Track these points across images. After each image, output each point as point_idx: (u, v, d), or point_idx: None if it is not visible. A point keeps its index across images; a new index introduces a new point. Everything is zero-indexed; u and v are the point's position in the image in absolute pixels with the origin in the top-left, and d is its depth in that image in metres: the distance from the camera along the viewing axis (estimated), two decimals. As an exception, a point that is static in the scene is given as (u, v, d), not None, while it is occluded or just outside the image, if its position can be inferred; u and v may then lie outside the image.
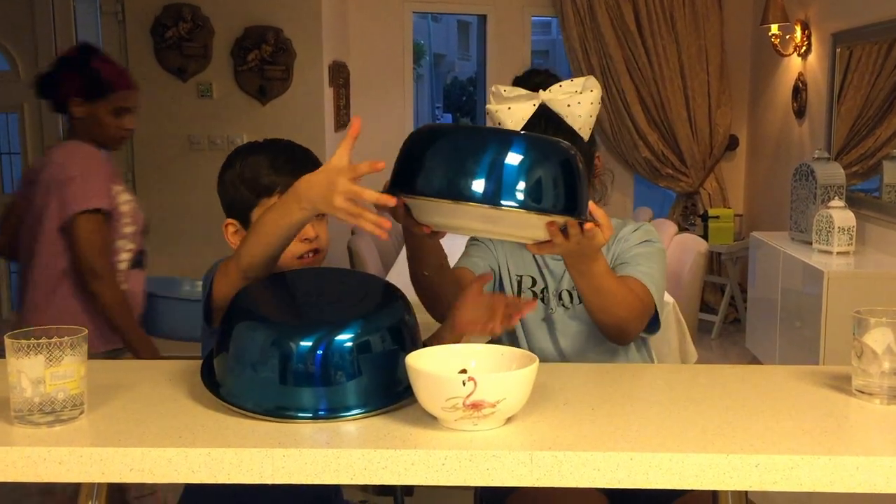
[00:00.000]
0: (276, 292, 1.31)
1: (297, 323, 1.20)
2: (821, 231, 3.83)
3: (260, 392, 1.16)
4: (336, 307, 1.26)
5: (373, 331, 1.18)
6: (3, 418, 1.14)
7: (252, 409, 1.16)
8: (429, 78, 18.31)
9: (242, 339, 1.19)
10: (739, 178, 5.85)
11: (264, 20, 4.45)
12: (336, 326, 1.17)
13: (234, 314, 1.23)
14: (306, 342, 1.15)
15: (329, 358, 1.15)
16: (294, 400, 1.15)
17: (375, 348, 1.18)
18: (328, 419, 1.14)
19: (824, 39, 4.56)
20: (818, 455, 1.03)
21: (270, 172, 1.51)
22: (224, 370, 1.21)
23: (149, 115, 4.52)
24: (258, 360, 1.17)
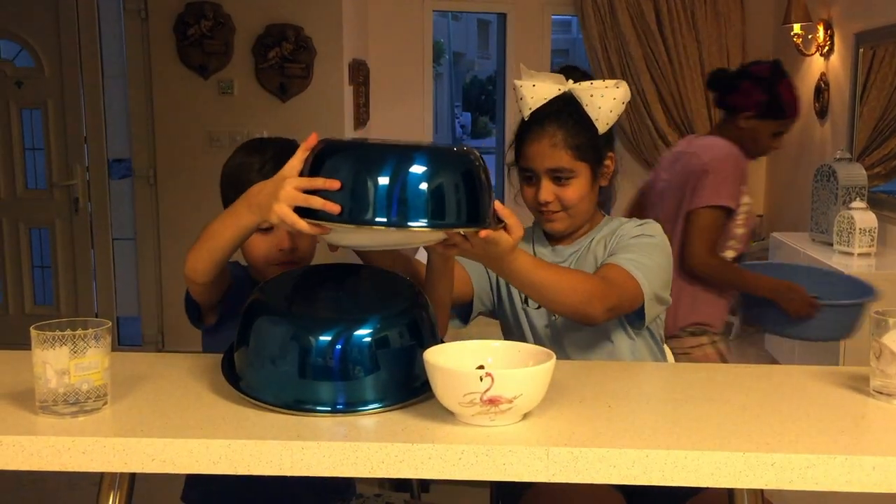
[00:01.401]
0: (296, 287, 1.32)
1: (317, 317, 1.21)
2: (842, 232, 3.81)
3: (279, 385, 1.17)
4: (356, 302, 1.27)
5: (391, 326, 1.19)
6: (29, 408, 1.16)
7: (272, 403, 1.17)
8: (448, 76, 18.31)
9: (262, 332, 1.21)
10: (760, 179, 5.81)
11: (285, 18, 4.48)
12: (355, 321, 1.18)
13: (255, 308, 1.25)
14: (325, 336, 1.16)
15: (347, 352, 1.16)
16: (312, 394, 1.16)
17: (393, 344, 1.19)
18: (346, 413, 1.16)
19: (847, 39, 4.53)
20: (835, 454, 1.03)
21: (258, 176, 1.47)
22: (244, 364, 1.23)
23: (170, 111, 4.57)
24: (278, 353, 1.18)
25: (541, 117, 1.65)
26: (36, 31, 4.58)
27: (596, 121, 1.63)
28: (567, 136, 1.62)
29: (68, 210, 4.74)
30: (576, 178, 1.64)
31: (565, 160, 1.63)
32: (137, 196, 4.72)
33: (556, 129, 1.63)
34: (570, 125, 1.63)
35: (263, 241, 1.52)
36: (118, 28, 4.84)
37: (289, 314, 1.22)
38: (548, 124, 1.64)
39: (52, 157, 4.71)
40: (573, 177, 1.64)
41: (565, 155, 1.63)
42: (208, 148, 4.54)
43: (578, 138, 1.63)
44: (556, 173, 1.64)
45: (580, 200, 1.65)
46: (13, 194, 4.75)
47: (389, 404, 1.17)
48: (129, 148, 4.78)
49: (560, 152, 1.62)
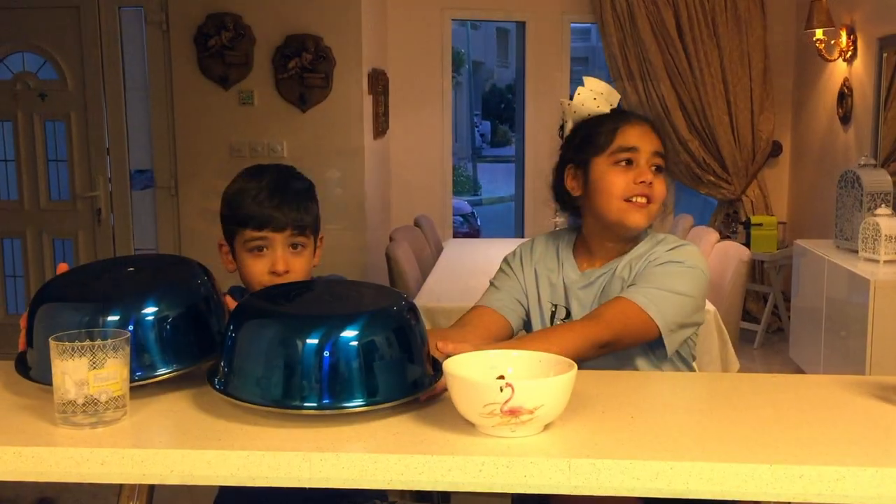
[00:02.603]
0: (284, 296, 1.33)
1: (303, 317, 1.22)
2: (867, 239, 3.76)
3: (265, 385, 1.16)
4: (343, 304, 1.28)
5: (377, 325, 1.19)
6: (48, 419, 1.16)
7: (260, 402, 1.16)
8: (467, 85, 18.34)
9: (250, 335, 1.21)
10: (783, 185, 5.75)
11: (305, 28, 4.50)
12: (341, 320, 1.18)
13: (242, 313, 1.24)
14: (312, 336, 1.16)
15: (334, 351, 1.15)
16: (300, 391, 1.15)
17: (380, 343, 1.18)
18: (332, 409, 1.14)
19: (870, 44, 4.48)
20: (864, 467, 1.00)
21: (253, 205, 1.55)
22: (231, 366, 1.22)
23: (191, 122, 4.60)
24: (265, 354, 1.17)
25: (634, 113, 1.72)
26: (59, 43, 4.63)
27: None
28: (658, 131, 1.69)
29: (91, 221, 4.78)
30: (664, 174, 1.67)
31: (663, 149, 1.68)
32: (159, 206, 4.75)
33: (649, 123, 1.70)
34: (656, 124, 1.71)
35: (256, 263, 1.57)
36: (140, 40, 4.88)
37: (276, 314, 1.23)
38: (640, 117, 1.70)
39: (76, 168, 4.75)
40: (664, 171, 1.67)
41: (662, 145, 1.68)
42: (229, 158, 4.56)
43: (665, 139, 1.71)
44: (657, 158, 1.66)
45: (664, 199, 1.67)
46: (37, 205, 4.80)
47: (376, 402, 1.16)
48: (151, 159, 4.82)
49: (659, 140, 1.68)
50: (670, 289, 1.56)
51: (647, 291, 1.55)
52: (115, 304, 1.23)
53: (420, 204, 5.47)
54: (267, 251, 1.57)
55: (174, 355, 1.26)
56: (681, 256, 1.62)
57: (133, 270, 1.39)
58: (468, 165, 17.10)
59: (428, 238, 4.73)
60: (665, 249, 1.64)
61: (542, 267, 1.75)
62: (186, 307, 1.29)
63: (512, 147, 13.91)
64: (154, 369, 1.24)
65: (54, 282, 1.35)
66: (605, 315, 1.54)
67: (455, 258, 4.33)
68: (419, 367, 1.21)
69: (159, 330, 1.25)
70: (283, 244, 1.57)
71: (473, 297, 3.27)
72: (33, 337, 1.28)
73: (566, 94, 5.71)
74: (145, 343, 1.24)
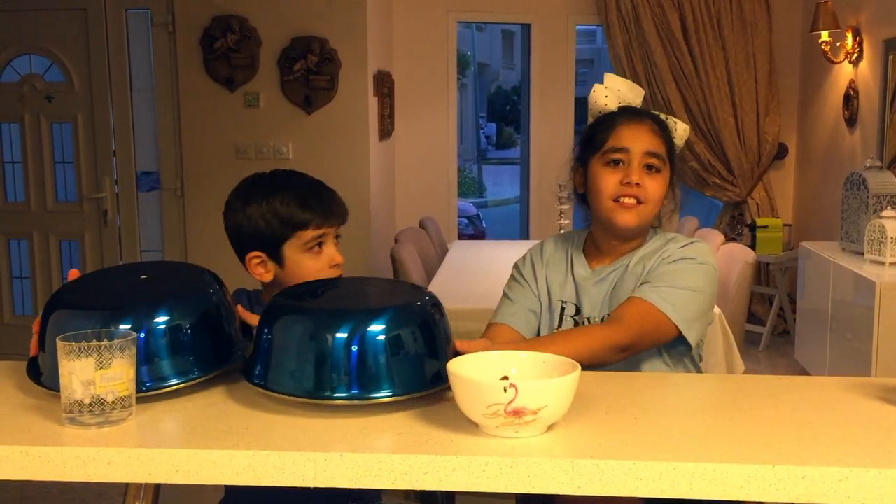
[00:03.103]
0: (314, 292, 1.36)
1: (333, 312, 1.25)
2: (873, 241, 3.75)
3: (299, 378, 1.20)
4: (370, 299, 1.34)
5: (403, 319, 1.23)
6: (55, 419, 1.17)
7: (292, 393, 1.20)
8: (473, 87, 18.35)
9: (284, 330, 1.24)
10: (789, 188, 5.75)
11: (310, 31, 4.51)
12: (369, 314, 1.22)
13: (275, 310, 1.28)
14: (342, 330, 1.19)
15: (361, 344, 1.19)
16: (330, 383, 1.19)
17: (405, 336, 1.22)
18: (360, 399, 1.18)
19: (876, 46, 4.47)
20: (867, 468, 1.00)
21: (305, 209, 1.61)
22: (265, 358, 1.25)
23: (197, 124, 4.62)
24: (296, 347, 1.21)
25: (636, 110, 1.71)
26: (66, 46, 4.65)
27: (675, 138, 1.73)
28: (662, 131, 1.68)
29: (97, 222, 4.80)
30: (662, 173, 1.66)
31: (661, 148, 1.66)
32: (165, 208, 4.77)
33: (653, 122, 1.69)
34: (662, 124, 1.70)
35: (317, 260, 1.62)
36: (146, 42, 4.90)
37: (307, 311, 1.27)
38: (644, 115, 1.70)
39: (82, 170, 4.77)
40: (661, 170, 1.66)
41: (661, 144, 1.67)
42: (235, 160, 4.58)
43: (669, 138, 1.69)
44: (650, 158, 1.65)
45: (658, 199, 1.66)
46: (44, 207, 4.82)
47: (401, 394, 1.19)
48: (157, 161, 4.83)
49: (658, 140, 1.67)
50: (684, 286, 1.58)
51: (661, 290, 1.57)
52: (126, 312, 1.23)
53: (425, 206, 5.48)
54: (323, 247, 1.63)
55: (186, 365, 1.26)
56: (693, 253, 1.64)
57: (145, 278, 1.39)
58: (473, 167, 17.11)
59: (433, 240, 4.74)
60: (677, 247, 1.65)
61: (553, 268, 1.76)
62: (199, 316, 1.29)
63: (517, 149, 13.92)
64: (165, 380, 1.25)
65: (67, 288, 1.36)
66: (623, 318, 1.54)
67: (460, 260, 4.33)
68: (443, 361, 1.23)
69: (171, 339, 1.26)
70: (332, 238, 1.65)
71: (478, 299, 3.29)
72: (45, 343, 1.29)
73: (571, 97, 5.72)
74: (157, 352, 1.24)
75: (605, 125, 1.69)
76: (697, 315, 1.59)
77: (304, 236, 1.60)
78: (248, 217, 1.62)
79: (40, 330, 1.30)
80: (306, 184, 1.66)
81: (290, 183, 1.65)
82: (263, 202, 1.61)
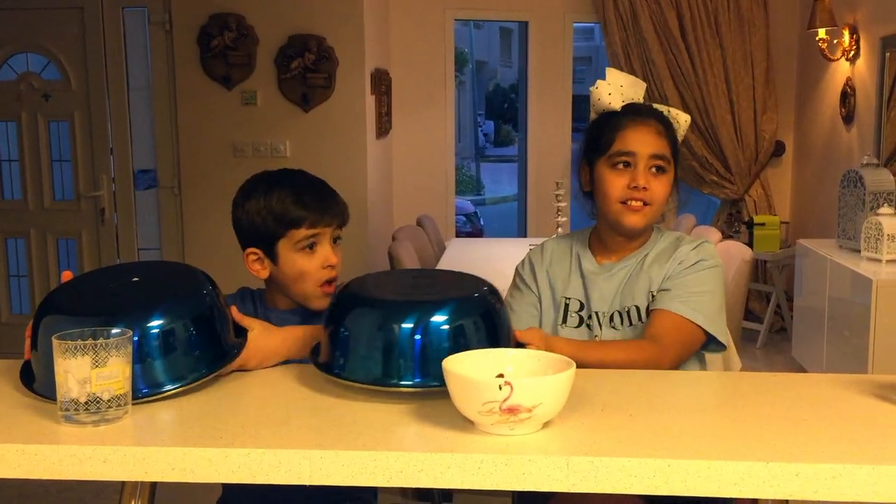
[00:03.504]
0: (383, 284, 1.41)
1: (400, 303, 1.30)
2: (869, 238, 3.76)
3: (368, 366, 1.26)
4: (433, 290, 1.36)
5: (466, 309, 1.28)
6: (51, 417, 1.17)
7: (363, 381, 1.25)
8: (471, 85, 18.34)
9: (354, 321, 1.30)
10: (786, 185, 5.75)
11: (307, 29, 4.50)
12: (433, 306, 1.27)
13: (346, 302, 1.33)
14: (407, 324, 1.25)
15: (426, 334, 1.24)
16: (397, 371, 1.24)
17: (468, 326, 1.27)
18: (425, 387, 1.23)
19: (873, 43, 4.48)
20: (861, 464, 1.01)
21: (299, 206, 1.60)
22: (336, 349, 1.30)
23: (194, 122, 4.62)
24: (367, 337, 1.26)
25: (640, 109, 1.71)
26: (62, 44, 4.65)
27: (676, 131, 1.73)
28: (666, 130, 1.69)
29: (95, 221, 4.80)
30: (667, 173, 1.68)
31: (666, 149, 1.68)
32: (162, 206, 4.76)
33: (658, 122, 1.69)
34: (666, 122, 1.70)
35: (311, 260, 1.62)
36: (143, 41, 4.90)
37: (376, 301, 1.31)
38: (648, 115, 1.70)
39: (79, 168, 4.77)
40: (667, 170, 1.68)
41: (666, 145, 1.68)
42: (232, 158, 4.58)
43: (673, 136, 1.70)
44: (656, 160, 1.66)
45: (664, 199, 1.69)
46: (41, 205, 4.81)
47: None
48: (154, 159, 4.83)
49: (663, 141, 1.68)
50: (705, 290, 1.64)
51: (688, 300, 1.62)
52: (119, 317, 1.23)
53: (423, 203, 5.48)
54: (317, 247, 1.62)
55: (181, 369, 1.26)
56: (706, 255, 1.69)
57: (137, 281, 1.38)
58: (471, 165, 17.11)
59: (430, 238, 4.74)
60: (690, 249, 1.69)
61: (556, 265, 1.77)
62: (192, 318, 1.29)
63: (515, 147, 13.92)
64: (160, 386, 1.24)
65: (58, 292, 1.35)
66: (663, 339, 1.58)
67: (458, 258, 4.33)
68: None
69: (164, 343, 1.25)
70: (329, 238, 1.63)
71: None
72: (38, 349, 1.28)
73: (569, 94, 5.72)
74: (151, 356, 1.24)
75: (609, 126, 1.70)
76: (719, 314, 1.65)
77: (297, 235, 1.60)
78: (247, 213, 1.63)
79: (32, 335, 1.30)
80: (307, 182, 1.66)
81: (290, 181, 1.65)
82: (262, 199, 1.62)
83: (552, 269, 1.77)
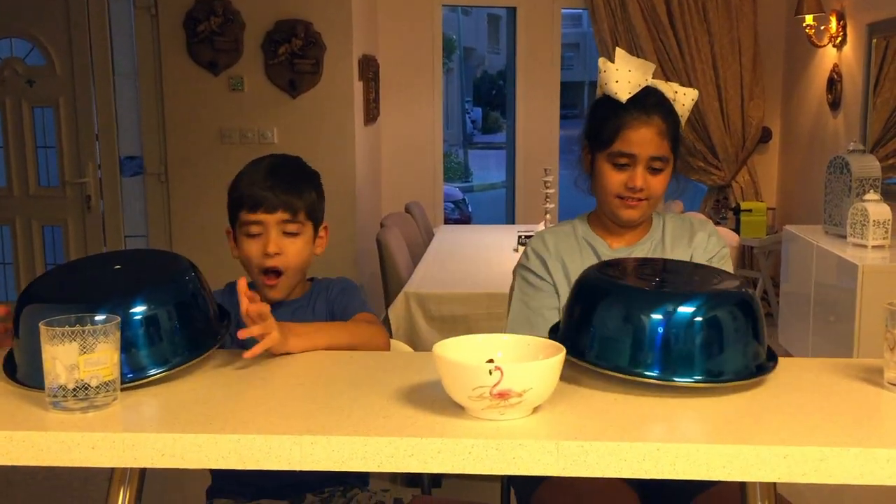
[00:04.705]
0: (624, 272, 1.40)
1: (650, 294, 1.28)
2: (855, 224, 3.78)
3: (613, 353, 1.25)
4: (683, 282, 1.37)
5: (719, 302, 1.24)
6: (39, 404, 1.16)
7: (609, 369, 1.24)
8: (458, 71, 18.29)
9: (600, 308, 1.28)
10: (772, 171, 5.78)
11: (294, 13, 4.47)
12: (683, 298, 1.24)
13: (589, 288, 1.32)
14: (656, 314, 1.22)
15: (671, 326, 1.22)
16: (644, 361, 1.22)
17: (724, 319, 1.23)
18: (665, 381, 1.21)
19: (860, 30, 4.49)
20: (848, 447, 1.02)
21: (250, 190, 1.61)
22: (584, 334, 1.29)
23: (181, 108, 4.58)
24: (613, 325, 1.25)
25: (644, 105, 1.68)
26: (47, 29, 4.60)
27: (680, 117, 1.73)
28: (668, 127, 1.69)
29: (81, 208, 4.76)
30: (666, 169, 1.70)
31: (666, 150, 1.69)
32: (149, 193, 4.73)
33: (661, 119, 1.68)
34: (670, 117, 1.70)
35: (252, 245, 1.62)
36: (128, 25, 4.85)
37: (627, 289, 1.30)
38: (653, 113, 1.68)
39: (65, 154, 4.73)
40: (665, 167, 1.70)
41: (666, 145, 1.69)
42: (219, 145, 4.55)
43: (674, 130, 1.70)
44: (656, 161, 1.68)
45: (662, 192, 1.71)
46: (26, 192, 4.77)
47: (705, 380, 1.20)
48: (140, 145, 4.80)
49: (663, 141, 1.68)
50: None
51: None
52: (102, 304, 1.22)
53: (411, 190, 5.47)
54: (261, 235, 1.61)
55: (165, 354, 1.26)
56: (720, 241, 1.78)
57: (119, 268, 1.38)
58: (459, 152, 17.08)
59: (419, 224, 4.73)
60: (707, 237, 1.76)
61: (567, 256, 1.76)
62: (175, 304, 1.29)
63: (503, 133, 13.91)
64: (144, 371, 1.24)
65: (39, 281, 1.35)
66: None
67: (446, 245, 4.33)
68: (761, 348, 1.27)
69: (148, 329, 1.25)
70: (276, 227, 1.60)
71: (464, 284, 3.29)
72: (20, 338, 1.28)
73: (557, 81, 5.71)
74: (134, 343, 1.24)
75: (613, 120, 1.69)
76: None
77: (242, 218, 1.62)
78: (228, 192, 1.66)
79: (13, 326, 1.29)
80: (273, 169, 1.64)
81: (263, 165, 1.65)
82: (236, 178, 1.66)
83: (565, 258, 1.75)
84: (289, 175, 1.64)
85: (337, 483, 1.58)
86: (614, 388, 1.25)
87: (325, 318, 1.65)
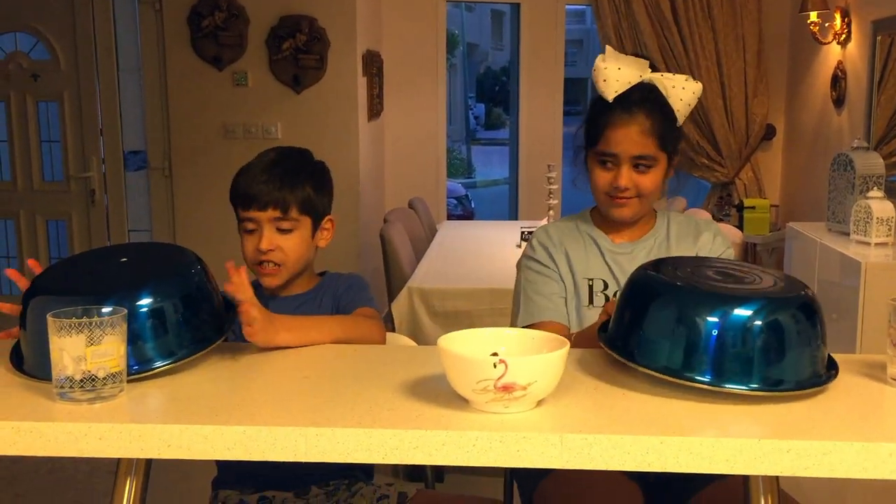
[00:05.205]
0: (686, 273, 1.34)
1: (704, 295, 1.22)
2: (859, 222, 3.77)
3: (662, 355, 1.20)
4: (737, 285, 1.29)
5: (775, 307, 1.20)
6: (46, 395, 1.17)
7: (656, 369, 1.20)
8: (462, 67, 18.28)
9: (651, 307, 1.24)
10: (776, 168, 5.77)
11: (299, 9, 4.48)
12: (738, 300, 1.20)
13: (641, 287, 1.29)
14: (713, 317, 1.18)
15: (726, 329, 1.17)
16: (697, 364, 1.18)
17: (786, 323, 1.20)
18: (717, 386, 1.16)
19: (864, 27, 4.48)
20: (851, 441, 1.02)
21: (244, 187, 1.62)
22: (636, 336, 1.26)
23: (185, 103, 4.59)
24: (663, 326, 1.21)
25: (628, 103, 1.66)
26: (51, 23, 4.60)
27: (676, 112, 1.69)
28: (654, 125, 1.66)
29: (85, 202, 4.77)
30: (655, 167, 1.68)
31: (651, 148, 1.66)
32: (153, 188, 4.74)
33: (645, 117, 1.65)
34: (656, 114, 1.66)
35: (248, 241, 1.64)
36: (133, 20, 4.86)
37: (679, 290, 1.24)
38: (636, 111, 1.66)
39: (69, 149, 4.74)
40: (654, 165, 1.68)
41: (651, 143, 1.66)
42: (223, 140, 4.56)
43: (663, 127, 1.67)
44: (639, 160, 1.66)
45: (653, 189, 1.69)
46: (30, 187, 4.78)
47: (760, 388, 1.16)
48: (144, 140, 4.81)
49: (647, 140, 1.65)
50: None
51: None
52: (108, 297, 1.23)
53: (414, 186, 5.47)
54: (256, 231, 1.62)
55: (171, 346, 1.27)
56: (726, 242, 1.79)
57: (126, 261, 1.39)
58: (462, 148, 17.08)
59: (422, 220, 4.74)
60: (712, 237, 1.77)
61: (572, 247, 1.77)
62: (181, 297, 1.30)
63: (506, 130, 13.89)
64: (150, 363, 1.25)
65: (47, 273, 1.35)
66: None
67: (449, 240, 4.34)
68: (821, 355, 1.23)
69: (154, 321, 1.26)
70: (269, 224, 1.61)
71: (467, 279, 3.29)
72: (27, 330, 1.28)
73: (560, 77, 5.70)
74: (141, 335, 1.24)
75: (598, 119, 1.69)
76: None
77: (239, 214, 1.64)
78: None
79: (20, 318, 1.30)
80: (268, 163, 1.64)
81: (264, 160, 1.65)
82: (236, 174, 1.66)
83: (569, 250, 1.76)
84: (284, 171, 1.63)
85: (342, 476, 1.59)
86: (620, 383, 1.25)
87: (331, 312, 1.65)
